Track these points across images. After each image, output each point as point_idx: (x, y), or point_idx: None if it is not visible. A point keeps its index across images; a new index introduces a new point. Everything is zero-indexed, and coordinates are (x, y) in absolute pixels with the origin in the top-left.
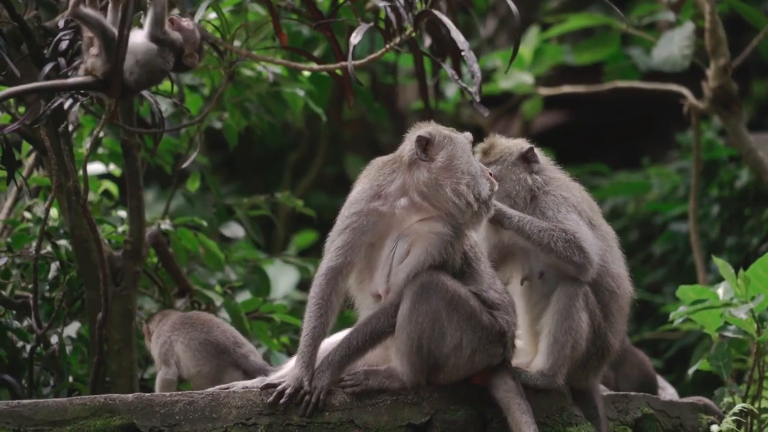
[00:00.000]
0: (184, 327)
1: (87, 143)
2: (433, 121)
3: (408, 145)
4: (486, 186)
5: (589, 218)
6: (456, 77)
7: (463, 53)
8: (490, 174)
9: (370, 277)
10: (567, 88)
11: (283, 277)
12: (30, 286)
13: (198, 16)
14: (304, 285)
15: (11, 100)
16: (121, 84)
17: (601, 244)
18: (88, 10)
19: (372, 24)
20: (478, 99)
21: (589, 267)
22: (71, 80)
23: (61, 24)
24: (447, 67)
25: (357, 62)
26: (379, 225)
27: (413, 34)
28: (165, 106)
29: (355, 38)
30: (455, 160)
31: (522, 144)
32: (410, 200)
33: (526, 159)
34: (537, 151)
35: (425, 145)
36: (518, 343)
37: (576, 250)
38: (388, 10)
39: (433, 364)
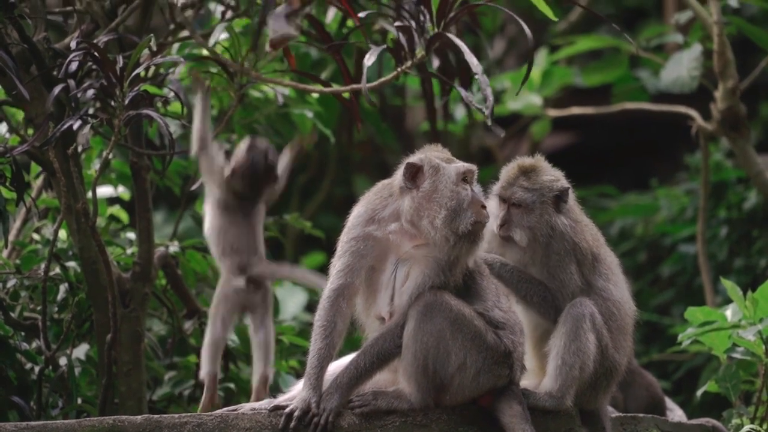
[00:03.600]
0: None
1: (96, 165)
2: (440, 144)
3: (400, 171)
4: (469, 220)
5: (594, 256)
6: (470, 99)
7: (476, 76)
8: (483, 207)
9: (374, 301)
10: (575, 110)
11: (291, 299)
12: (39, 307)
13: (213, 39)
14: (312, 307)
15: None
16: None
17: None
18: None
19: (385, 46)
20: (489, 123)
21: None
22: None
23: (72, 45)
24: (461, 89)
25: (369, 85)
26: (376, 249)
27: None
28: (174, 127)
29: (369, 60)
30: (436, 193)
31: (560, 181)
32: (401, 226)
33: (559, 198)
34: (570, 191)
35: (414, 172)
36: (526, 364)
37: (551, 309)
38: (400, 34)
39: (439, 385)
